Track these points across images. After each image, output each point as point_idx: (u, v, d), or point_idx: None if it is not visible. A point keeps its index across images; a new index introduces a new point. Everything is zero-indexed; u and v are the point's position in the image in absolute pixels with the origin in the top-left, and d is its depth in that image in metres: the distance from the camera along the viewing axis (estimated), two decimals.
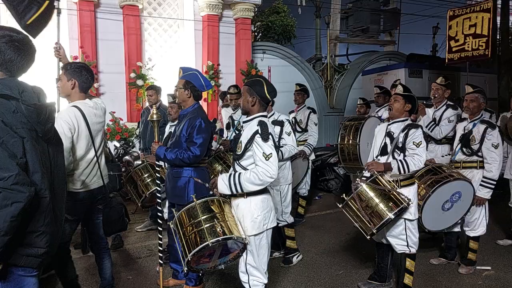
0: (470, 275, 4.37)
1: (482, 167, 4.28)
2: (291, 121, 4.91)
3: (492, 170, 4.19)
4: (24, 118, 1.83)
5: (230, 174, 2.97)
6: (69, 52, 8.20)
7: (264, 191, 3.00)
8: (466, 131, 4.36)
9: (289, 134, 4.46)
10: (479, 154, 4.27)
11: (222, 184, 2.95)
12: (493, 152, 4.17)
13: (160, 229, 3.70)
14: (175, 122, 4.54)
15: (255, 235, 2.96)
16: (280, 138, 4.43)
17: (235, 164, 3.06)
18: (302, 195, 6.36)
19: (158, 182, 3.68)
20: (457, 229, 4.54)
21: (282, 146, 4.41)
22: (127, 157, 7.59)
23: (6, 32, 1.98)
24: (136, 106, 8.77)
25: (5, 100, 1.81)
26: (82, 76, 3.20)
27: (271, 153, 2.85)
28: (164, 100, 6.04)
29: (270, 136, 2.87)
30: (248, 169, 2.94)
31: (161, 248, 3.71)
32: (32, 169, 1.83)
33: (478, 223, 4.41)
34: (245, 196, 2.96)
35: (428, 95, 7.48)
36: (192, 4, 9.55)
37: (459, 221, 4.36)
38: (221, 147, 5.32)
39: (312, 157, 6.25)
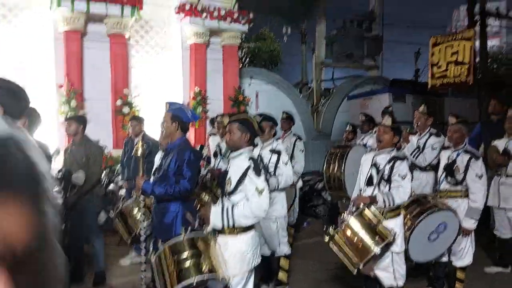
0: None
1: (467, 197, 4.32)
2: None
3: (477, 200, 4.24)
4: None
5: (223, 207, 2.97)
6: (55, 80, 8.20)
7: (252, 227, 3.03)
8: (450, 161, 4.42)
9: (286, 164, 4.46)
10: (464, 183, 4.32)
11: (215, 217, 2.95)
12: (478, 182, 4.22)
13: (143, 267, 3.65)
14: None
15: (243, 272, 2.96)
16: (276, 167, 4.44)
17: (224, 199, 3.06)
18: (290, 223, 6.33)
19: (143, 221, 3.66)
20: (445, 259, 4.55)
21: (278, 176, 4.41)
22: (111, 186, 7.53)
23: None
24: (122, 134, 8.73)
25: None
26: None
27: (264, 188, 2.90)
28: (158, 132, 6.01)
29: (262, 171, 2.93)
30: (238, 204, 2.95)
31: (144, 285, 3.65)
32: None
33: (464, 253, 4.42)
34: (235, 233, 2.96)
35: (411, 120, 7.64)
36: (180, 31, 9.66)
37: (446, 251, 4.38)
38: (208, 176, 5.31)
39: (300, 184, 6.26)
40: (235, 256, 2.94)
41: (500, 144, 5.10)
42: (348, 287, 4.84)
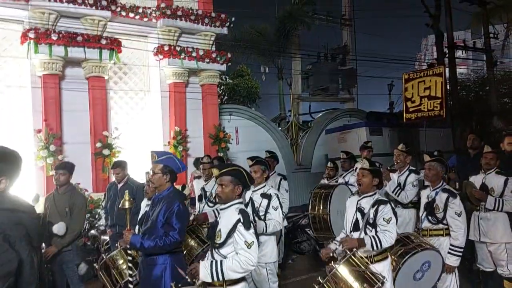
0: None
1: (448, 234, 4.41)
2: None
3: (458, 238, 4.33)
4: (24, 230, 1.88)
5: (212, 262, 2.97)
6: (32, 125, 8.09)
7: (243, 279, 3.02)
8: (429, 199, 4.53)
9: (275, 209, 4.44)
10: (444, 222, 4.41)
11: (204, 272, 2.94)
12: (457, 220, 4.32)
13: None
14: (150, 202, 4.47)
15: None
16: (266, 212, 4.43)
17: (214, 252, 3.04)
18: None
19: (130, 272, 3.57)
20: None
21: (267, 220, 4.40)
22: (93, 232, 7.35)
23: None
24: (102, 176, 8.61)
25: (10, 213, 1.87)
26: None
27: (253, 241, 2.90)
28: (139, 173, 5.97)
29: (251, 224, 2.93)
30: (227, 257, 2.94)
31: None
32: (27, 280, 1.85)
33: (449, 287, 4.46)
34: (224, 286, 2.94)
35: (388, 151, 7.85)
36: (158, 72, 9.75)
37: None
38: (194, 221, 5.27)
39: (284, 223, 6.26)
40: None
41: (477, 179, 5.25)
42: None
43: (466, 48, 15.27)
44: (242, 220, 2.92)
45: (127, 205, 3.51)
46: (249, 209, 4.43)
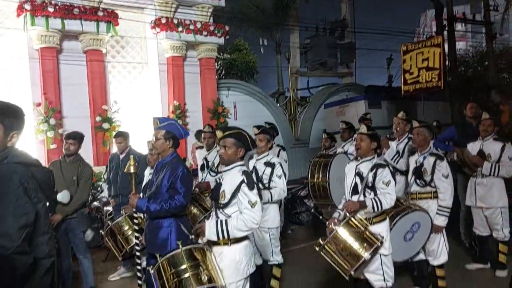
0: None
1: (437, 197, 4.53)
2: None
3: (445, 198, 4.43)
4: (36, 183, 1.95)
5: (217, 221, 3.04)
6: (31, 99, 8.08)
7: (246, 237, 3.10)
8: (417, 164, 4.62)
9: (279, 177, 4.49)
10: (432, 184, 4.51)
11: (210, 230, 3.02)
12: (444, 181, 4.42)
13: (140, 282, 3.65)
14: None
15: (238, 281, 3.02)
16: (270, 180, 4.51)
17: (218, 212, 3.12)
18: None
19: (137, 235, 3.65)
20: (422, 256, 4.69)
21: (271, 188, 4.48)
22: (95, 203, 7.45)
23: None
24: (103, 150, 8.66)
25: (23, 167, 1.93)
26: None
27: (257, 201, 2.97)
28: (139, 146, 6.01)
29: (255, 185, 3.00)
30: (232, 216, 3.02)
31: None
32: (42, 230, 1.98)
33: (439, 251, 4.55)
34: (229, 244, 3.02)
35: (387, 124, 7.90)
36: (156, 46, 9.69)
37: (421, 249, 4.54)
38: (196, 189, 5.35)
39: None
40: (230, 265, 3.01)
41: (475, 146, 5.34)
42: None
43: (466, 20, 15.14)
44: (246, 181, 2.98)
45: (132, 169, 3.55)
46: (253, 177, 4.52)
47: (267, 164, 4.53)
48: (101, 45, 8.73)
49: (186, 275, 2.82)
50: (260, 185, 4.51)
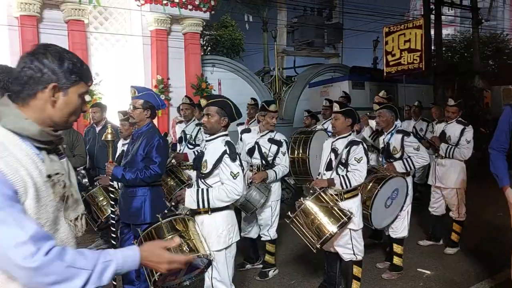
0: (412, 277, 4.67)
1: (408, 175, 4.68)
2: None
3: (418, 162, 4.58)
4: None
5: (198, 190, 3.05)
6: None
7: (227, 207, 3.11)
8: (385, 143, 4.72)
9: (284, 154, 4.60)
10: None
11: (190, 199, 3.03)
12: (418, 153, 4.55)
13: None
14: (127, 140, 4.51)
15: (220, 250, 3.06)
16: (275, 157, 4.55)
17: (199, 181, 3.13)
18: None
19: (112, 203, 3.67)
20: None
21: (274, 166, 4.54)
22: None
23: None
24: (83, 122, 8.57)
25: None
26: None
27: (238, 172, 2.97)
28: (112, 118, 5.97)
29: (237, 156, 2.99)
30: (213, 186, 3.03)
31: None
32: None
33: (400, 226, 4.69)
34: (209, 213, 3.05)
35: (370, 106, 7.93)
36: (140, 19, 9.52)
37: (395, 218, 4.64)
38: (173, 161, 5.36)
39: None
40: (210, 234, 3.03)
41: (439, 127, 5.66)
42: (310, 264, 5.06)
43: (453, 5, 15.19)
44: (228, 152, 2.97)
45: (109, 137, 3.53)
46: (256, 154, 4.57)
47: (272, 141, 4.57)
48: (83, 16, 8.54)
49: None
50: (264, 162, 4.57)
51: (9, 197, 1.26)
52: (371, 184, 4.28)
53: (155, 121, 8.95)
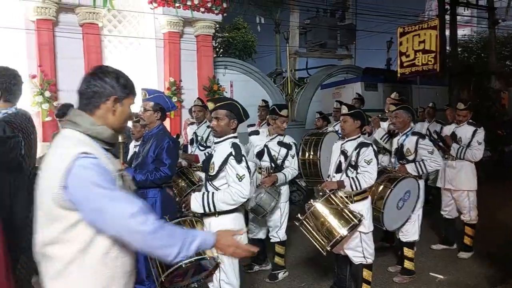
0: (425, 282, 4.62)
1: (420, 178, 4.62)
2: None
3: (431, 166, 4.52)
4: None
5: (203, 194, 3.06)
6: (27, 71, 8.06)
7: (235, 209, 3.09)
8: (399, 145, 4.67)
9: (293, 157, 4.62)
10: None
11: (195, 203, 3.04)
12: (432, 156, 4.50)
13: None
14: (139, 142, 4.56)
15: None
16: (284, 160, 4.56)
17: (207, 184, 3.15)
18: None
19: None
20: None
21: (284, 168, 4.56)
22: None
23: None
24: None
25: None
26: None
27: (244, 174, 2.96)
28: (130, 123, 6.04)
29: (243, 158, 2.97)
30: (220, 189, 3.04)
31: None
32: None
33: (411, 229, 4.63)
34: (216, 215, 3.06)
35: (383, 108, 7.90)
36: (153, 21, 9.62)
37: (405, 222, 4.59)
38: (184, 162, 5.39)
39: None
40: None
41: (448, 129, 5.59)
42: (320, 267, 5.04)
43: (468, 5, 14.96)
44: (233, 154, 2.97)
45: (120, 139, 3.56)
46: (265, 157, 4.58)
47: (281, 144, 4.57)
48: (98, 19, 8.67)
49: None
50: (273, 165, 4.57)
51: (113, 182, 1.60)
52: (383, 184, 4.23)
53: (167, 122, 9.12)
